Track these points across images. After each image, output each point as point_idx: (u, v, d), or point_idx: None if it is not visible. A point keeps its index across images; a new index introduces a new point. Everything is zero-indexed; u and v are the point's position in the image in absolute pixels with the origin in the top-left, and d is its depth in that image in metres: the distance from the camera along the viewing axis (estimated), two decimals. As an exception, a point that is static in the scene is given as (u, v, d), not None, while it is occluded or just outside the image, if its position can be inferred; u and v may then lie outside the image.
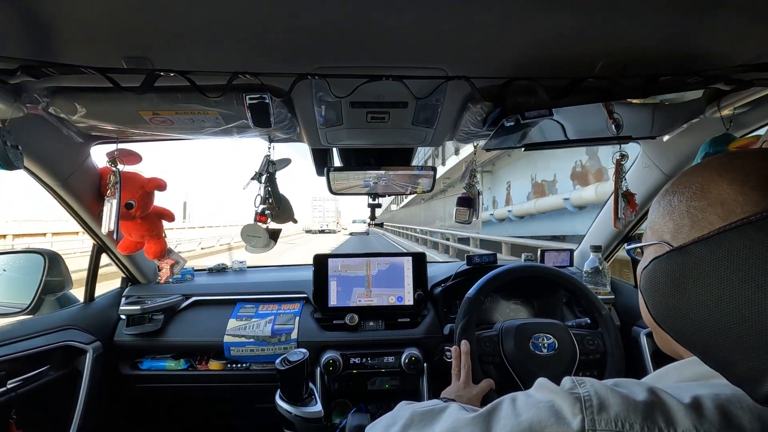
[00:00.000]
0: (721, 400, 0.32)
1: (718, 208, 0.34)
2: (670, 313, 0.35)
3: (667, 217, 0.39)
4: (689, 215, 0.36)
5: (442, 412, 0.47)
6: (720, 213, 0.33)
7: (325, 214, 45.83)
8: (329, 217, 46.45)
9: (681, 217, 0.37)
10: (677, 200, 0.38)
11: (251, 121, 0.84)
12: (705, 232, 0.32)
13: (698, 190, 0.36)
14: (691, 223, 0.36)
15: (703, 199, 0.35)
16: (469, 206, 1.21)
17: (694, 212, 0.36)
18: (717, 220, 0.33)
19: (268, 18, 0.55)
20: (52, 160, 0.99)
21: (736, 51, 0.67)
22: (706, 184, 0.36)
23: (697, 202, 0.36)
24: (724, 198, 0.34)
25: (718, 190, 0.34)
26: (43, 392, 1.03)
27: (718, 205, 0.34)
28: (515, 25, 0.59)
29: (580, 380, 0.38)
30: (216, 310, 1.35)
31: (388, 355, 1.24)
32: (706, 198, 0.35)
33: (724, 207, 0.33)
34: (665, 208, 0.40)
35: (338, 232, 42.22)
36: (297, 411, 0.99)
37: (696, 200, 0.36)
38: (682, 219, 0.37)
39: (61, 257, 1.25)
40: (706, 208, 0.35)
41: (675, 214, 0.38)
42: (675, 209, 0.38)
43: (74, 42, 0.60)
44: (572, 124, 0.95)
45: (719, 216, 0.33)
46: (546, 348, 0.96)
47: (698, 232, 0.34)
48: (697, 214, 0.35)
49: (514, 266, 1.09)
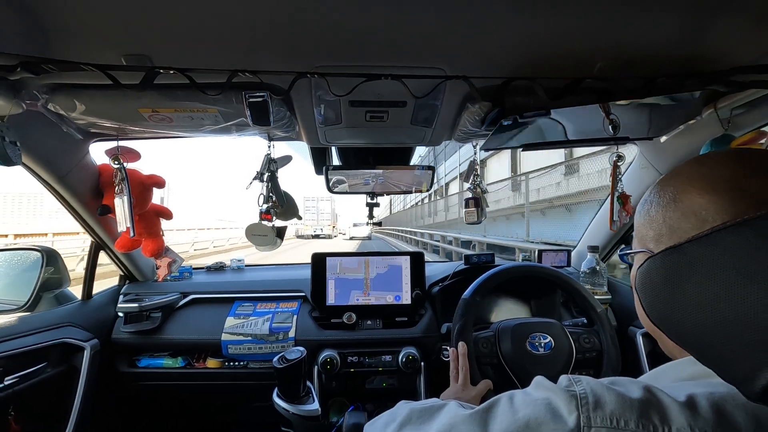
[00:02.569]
0: (716, 398, 0.33)
1: (691, 217, 0.35)
2: (664, 313, 0.36)
3: (648, 226, 0.40)
4: (666, 225, 0.37)
5: (441, 409, 0.47)
6: (693, 222, 0.34)
7: (320, 216, 38.23)
8: (324, 219, 38.02)
9: (659, 226, 0.38)
10: (654, 210, 0.39)
11: (250, 119, 0.84)
12: (683, 240, 0.33)
13: (671, 200, 0.37)
14: (669, 232, 0.37)
15: (677, 210, 0.36)
16: (477, 206, 1.21)
17: (670, 222, 0.37)
18: (691, 229, 0.34)
19: (268, 16, 0.55)
20: (51, 157, 0.98)
21: (734, 52, 0.68)
22: (678, 193, 0.37)
23: (672, 213, 0.37)
24: (695, 208, 0.35)
25: (689, 200, 0.35)
26: (40, 389, 1.03)
27: (691, 215, 0.35)
28: (514, 25, 0.59)
29: (577, 378, 0.38)
30: (214, 308, 1.35)
31: (386, 354, 1.24)
32: (679, 208, 0.36)
33: (697, 216, 0.34)
34: (645, 217, 0.41)
35: (335, 237, 36.21)
36: (294, 409, 0.99)
37: (670, 210, 0.37)
38: (661, 228, 0.38)
39: (59, 254, 1.25)
40: (680, 218, 0.36)
41: (654, 223, 0.39)
42: (654, 219, 0.39)
43: (74, 39, 0.60)
44: (570, 125, 0.95)
45: (692, 225, 0.34)
46: (543, 347, 0.97)
47: (676, 240, 0.34)
48: (673, 225, 0.36)
49: (511, 266, 1.10)
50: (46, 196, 1.14)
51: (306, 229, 36.40)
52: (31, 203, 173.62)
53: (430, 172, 1.21)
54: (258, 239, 1.04)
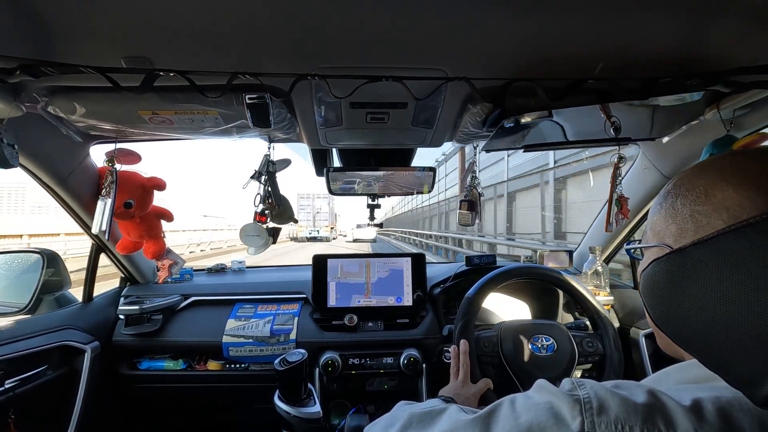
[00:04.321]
0: (722, 402, 0.32)
1: (723, 213, 0.33)
2: (669, 315, 0.35)
3: (670, 220, 0.38)
4: (693, 219, 0.35)
5: (441, 414, 0.47)
6: (725, 218, 0.33)
7: (316, 216, 30.90)
8: (322, 220, 30.32)
9: (684, 221, 0.36)
10: (680, 203, 0.37)
11: (251, 121, 0.84)
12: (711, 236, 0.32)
13: (702, 193, 0.35)
14: (695, 227, 0.35)
15: (707, 204, 0.35)
16: (472, 209, 1.20)
17: (698, 217, 0.35)
18: (722, 225, 0.32)
19: (269, 18, 0.55)
20: (51, 160, 0.98)
21: (736, 53, 0.67)
22: (709, 187, 0.35)
23: (701, 207, 0.35)
24: (728, 203, 0.33)
25: (722, 195, 0.34)
26: (41, 392, 1.02)
27: (723, 210, 0.33)
28: (515, 27, 0.59)
29: (580, 382, 0.38)
30: (215, 311, 1.35)
31: (387, 355, 1.23)
32: (710, 203, 0.34)
33: (729, 212, 0.32)
34: (668, 210, 0.39)
35: (333, 240, 31.74)
36: (296, 411, 0.99)
37: (700, 204, 0.35)
38: (686, 223, 0.36)
39: (59, 257, 1.24)
40: (710, 213, 0.34)
41: (678, 217, 0.37)
42: (678, 213, 0.37)
43: (74, 41, 0.60)
44: (572, 126, 0.95)
45: (724, 221, 0.33)
46: (545, 349, 0.96)
47: (702, 236, 0.33)
48: (701, 219, 0.35)
49: (513, 267, 1.09)
50: (28, 189, 1.11)
51: (301, 230, 30.36)
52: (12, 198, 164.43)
53: (431, 174, 1.21)
54: (252, 240, 1.04)
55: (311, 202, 32.15)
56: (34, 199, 27.80)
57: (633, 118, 0.90)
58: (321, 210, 32.90)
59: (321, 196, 33.75)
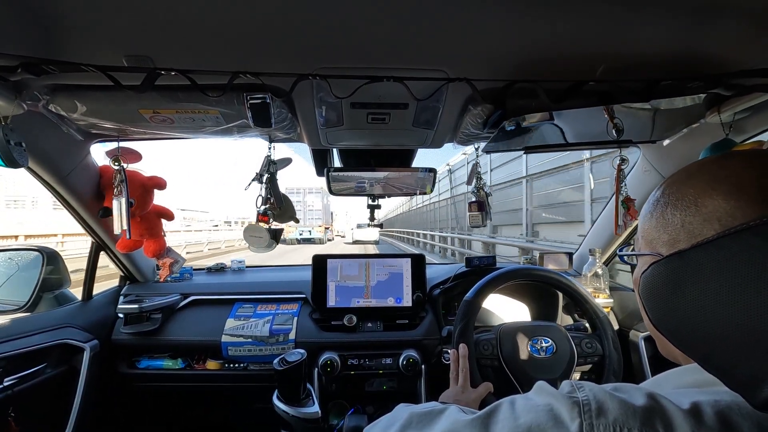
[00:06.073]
0: (721, 406, 0.32)
1: (715, 223, 0.33)
2: (668, 318, 0.35)
3: (661, 229, 0.38)
4: (685, 230, 0.35)
5: (441, 414, 0.47)
6: (717, 228, 0.33)
7: (307, 215, 25.55)
8: (314, 219, 24.87)
9: (676, 231, 0.36)
10: (670, 213, 0.37)
11: (251, 120, 0.84)
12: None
13: (692, 203, 0.35)
14: (688, 237, 0.35)
15: (698, 214, 0.35)
16: (481, 209, 1.21)
17: (690, 227, 0.35)
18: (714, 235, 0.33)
19: (270, 18, 0.55)
20: (52, 158, 0.98)
21: (737, 56, 0.67)
22: (699, 197, 0.35)
23: (693, 217, 0.35)
24: (719, 213, 0.33)
25: (713, 205, 0.34)
26: (40, 390, 1.02)
27: (715, 220, 0.33)
28: (516, 28, 0.59)
29: (579, 384, 0.38)
30: (214, 310, 1.35)
31: (386, 356, 1.23)
32: (700, 213, 0.34)
33: (721, 222, 0.33)
34: (658, 219, 0.39)
35: (329, 242, 26.89)
36: (294, 412, 0.99)
37: (690, 215, 0.35)
38: (678, 233, 0.36)
39: (59, 255, 1.24)
40: (702, 224, 0.34)
41: (669, 227, 0.37)
42: (669, 222, 0.37)
43: (75, 40, 0.60)
44: (573, 128, 0.95)
45: (716, 231, 0.33)
46: (544, 351, 0.96)
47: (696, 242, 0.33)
48: (694, 230, 0.35)
49: (512, 269, 1.09)
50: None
51: (290, 231, 23.96)
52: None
53: (432, 175, 1.21)
54: (254, 240, 1.04)
55: (302, 198, 26.15)
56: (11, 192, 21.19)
57: (634, 121, 0.90)
58: (313, 207, 26.88)
59: (313, 191, 28.23)
